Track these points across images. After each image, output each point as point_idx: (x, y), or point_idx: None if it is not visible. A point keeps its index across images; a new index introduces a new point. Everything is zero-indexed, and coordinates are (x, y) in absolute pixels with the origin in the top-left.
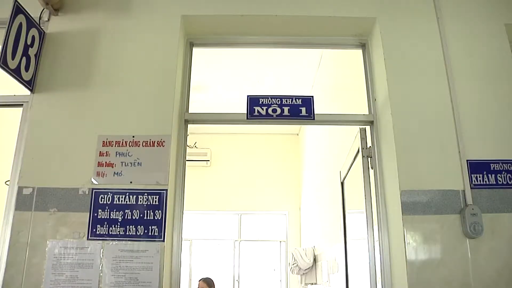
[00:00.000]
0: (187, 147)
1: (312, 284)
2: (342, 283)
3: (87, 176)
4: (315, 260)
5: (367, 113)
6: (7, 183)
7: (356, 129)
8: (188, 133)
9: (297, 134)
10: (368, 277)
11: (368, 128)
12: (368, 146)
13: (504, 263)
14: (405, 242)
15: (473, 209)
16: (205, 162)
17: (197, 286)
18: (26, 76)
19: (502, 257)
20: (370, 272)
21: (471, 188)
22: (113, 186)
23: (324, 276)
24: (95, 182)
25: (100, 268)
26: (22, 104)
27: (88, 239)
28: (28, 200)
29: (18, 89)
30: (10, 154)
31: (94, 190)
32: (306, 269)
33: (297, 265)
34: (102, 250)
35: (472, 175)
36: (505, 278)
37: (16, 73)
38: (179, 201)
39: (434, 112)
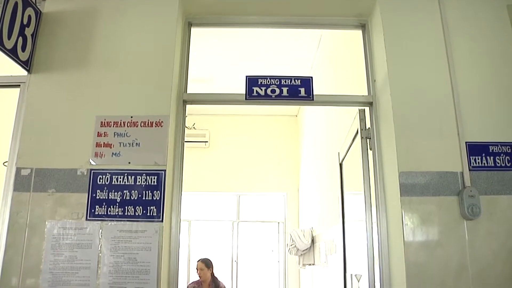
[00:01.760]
0: (186, 128)
1: (310, 264)
2: (340, 264)
3: (85, 157)
4: (313, 241)
5: (366, 94)
6: (5, 164)
7: (355, 110)
8: (186, 114)
9: (296, 116)
10: (366, 258)
11: (367, 109)
12: (367, 127)
13: (501, 244)
14: (403, 224)
15: (471, 191)
16: (204, 143)
17: (196, 267)
18: (23, 56)
19: (499, 239)
20: (367, 253)
21: (469, 170)
22: (112, 166)
23: (322, 257)
24: (93, 162)
25: (99, 248)
26: (19, 85)
27: (86, 219)
28: (27, 181)
29: (15, 70)
30: (8, 135)
31: (92, 171)
32: (304, 250)
33: (295, 246)
34: (100, 230)
35: (471, 157)
36: (502, 259)
37: (12, 53)
38: (178, 182)
39: (434, 94)
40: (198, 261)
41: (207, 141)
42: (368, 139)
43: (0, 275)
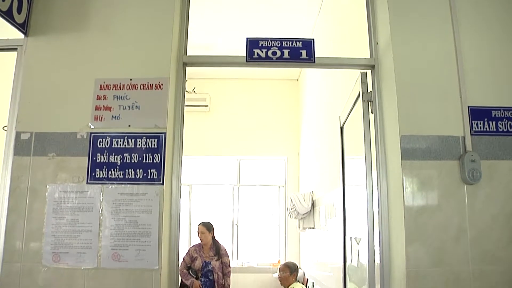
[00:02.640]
0: (186, 92)
1: (310, 228)
2: (340, 227)
3: (85, 120)
4: (313, 205)
5: (369, 57)
6: (5, 128)
7: (356, 73)
8: (186, 78)
9: (297, 80)
10: (366, 222)
11: (369, 72)
12: (368, 91)
13: (500, 209)
14: (403, 187)
15: (472, 155)
16: (204, 107)
17: (197, 230)
18: (19, 18)
19: (498, 203)
20: (367, 216)
21: (471, 134)
22: (111, 130)
23: (322, 220)
24: (93, 126)
25: (100, 212)
26: (16, 48)
27: (87, 183)
28: (27, 145)
29: (12, 33)
30: (7, 100)
31: (92, 134)
32: (304, 214)
33: (295, 209)
34: (101, 193)
35: (473, 122)
36: (500, 223)
37: (8, 16)
38: (178, 145)
39: (437, 57)
40: (199, 225)
41: (207, 105)
42: (369, 103)
43: (3, 238)
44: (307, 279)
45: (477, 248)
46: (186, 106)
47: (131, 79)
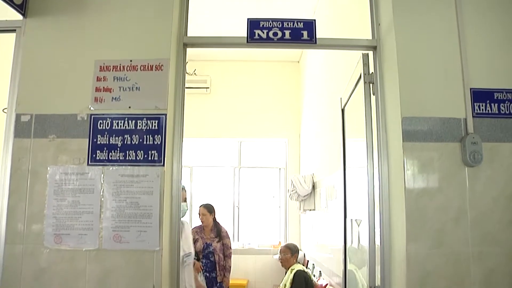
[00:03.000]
0: (187, 74)
1: (310, 210)
2: (340, 209)
3: (85, 102)
4: (313, 187)
5: (370, 38)
6: (5, 110)
7: (358, 55)
8: (187, 60)
9: (298, 62)
10: (366, 204)
11: (370, 53)
12: (370, 72)
13: (501, 191)
14: (404, 169)
15: (473, 137)
16: (205, 89)
17: (198, 212)
18: None
19: (499, 186)
20: (368, 198)
21: (473, 116)
22: (112, 111)
23: (323, 202)
24: (93, 107)
25: (101, 193)
26: (15, 30)
27: (88, 164)
28: (27, 127)
29: (11, 15)
30: (6, 81)
31: (92, 116)
32: (305, 196)
33: (296, 191)
34: (102, 175)
35: (475, 104)
36: (501, 206)
37: None
38: (179, 126)
39: (440, 38)
40: (200, 207)
41: (208, 87)
42: (371, 84)
43: (5, 220)
44: (308, 261)
45: (477, 230)
46: (186, 88)
47: (131, 60)
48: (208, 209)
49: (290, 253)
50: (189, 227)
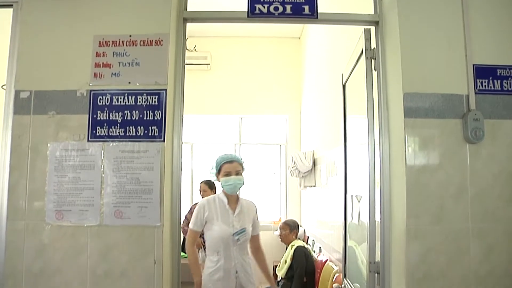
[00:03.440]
0: (187, 50)
1: (311, 186)
2: (341, 186)
3: (85, 78)
4: (314, 163)
5: (373, 13)
6: (4, 87)
7: (360, 30)
8: (187, 35)
9: (299, 38)
10: (367, 180)
11: (373, 28)
12: (372, 48)
13: (502, 168)
14: (405, 145)
15: (475, 114)
16: (205, 65)
17: (199, 188)
18: None
19: (500, 163)
20: (369, 175)
21: (475, 93)
22: (111, 87)
23: (323, 178)
24: (92, 83)
25: (102, 169)
26: (12, 5)
27: (88, 141)
28: (26, 104)
29: None
30: (5, 58)
31: (92, 92)
32: (305, 172)
33: (296, 168)
34: (102, 151)
35: (478, 80)
36: (501, 183)
37: None
38: (179, 102)
39: (443, 14)
40: (201, 183)
41: (208, 64)
42: (373, 60)
43: (7, 197)
44: (308, 237)
45: (477, 206)
46: (187, 64)
47: (130, 36)
48: (209, 185)
49: (288, 229)
50: (250, 204)
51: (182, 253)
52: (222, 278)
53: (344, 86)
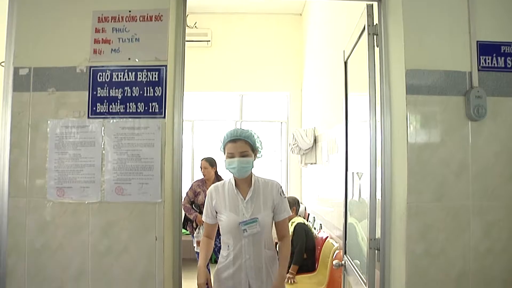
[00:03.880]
0: (187, 27)
1: (311, 164)
2: (342, 163)
3: (84, 54)
4: (315, 140)
5: None
6: (2, 64)
7: (362, 6)
8: (187, 12)
9: (300, 14)
10: (368, 158)
11: (375, 4)
12: (374, 24)
13: (503, 146)
14: (407, 122)
15: (478, 91)
16: (206, 42)
17: (200, 165)
18: None
19: (502, 140)
20: (370, 152)
21: (478, 70)
22: (111, 63)
23: (324, 156)
24: (92, 60)
25: (102, 146)
26: None
27: (88, 117)
28: (25, 81)
29: None
30: (3, 34)
31: (91, 68)
32: (306, 150)
33: (297, 145)
34: (103, 128)
35: (481, 57)
36: (502, 160)
37: None
38: (179, 78)
39: None
40: (202, 160)
41: (209, 41)
42: (375, 36)
43: (8, 174)
44: (308, 214)
45: (478, 184)
46: (187, 41)
47: (130, 11)
48: (210, 162)
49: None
50: (269, 185)
51: (183, 230)
52: (232, 276)
53: (345, 63)
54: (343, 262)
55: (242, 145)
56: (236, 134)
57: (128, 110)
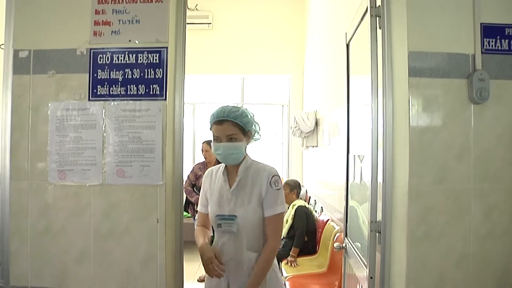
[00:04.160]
0: (188, 9)
1: (313, 146)
2: (343, 146)
3: (84, 36)
4: (316, 123)
5: None
6: (2, 47)
7: None
8: None
9: None
10: (370, 141)
11: None
12: (377, 5)
13: (505, 129)
14: (409, 105)
15: (481, 74)
16: (207, 25)
17: (201, 148)
18: None
19: (504, 123)
20: (372, 135)
21: (482, 52)
22: (111, 45)
23: (325, 139)
24: (92, 42)
25: (103, 128)
26: None
27: (89, 100)
28: (25, 64)
29: None
30: (2, 17)
31: (92, 50)
32: (307, 132)
33: (299, 128)
34: (104, 110)
35: (484, 39)
36: (504, 143)
37: None
38: (180, 60)
39: None
40: (203, 143)
41: (210, 23)
42: (377, 18)
43: (9, 157)
44: (309, 197)
45: (479, 167)
46: (188, 24)
47: None
48: (211, 145)
49: (288, 189)
50: (259, 173)
51: (184, 213)
52: (215, 279)
53: (347, 45)
54: (344, 244)
55: (229, 128)
56: (223, 114)
57: (128, 92)
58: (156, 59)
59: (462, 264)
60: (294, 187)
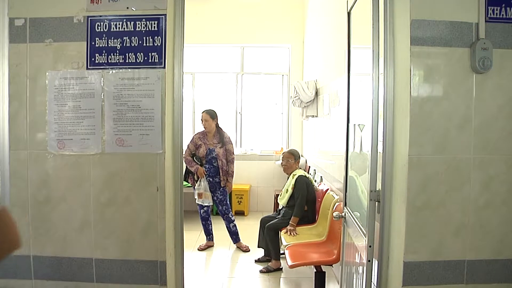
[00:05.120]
0: None
1: (313, 116)
2: (343, 116)
3: (81, 4)
4: (317, 93)
5: None
6: None
7: None
8: None
9: None
10: (371, 110)
11: None
12: None
13: (507, 99)
14: (411, 74)
15: (484, 43)
16: None
17: (201, 118)
18: None
19: (506, 94)
20: (372, 105)
21: (485, 21)
22: (109, 12)
23: (325, 109)
24: (89, 9)
25: (102, 97)
26: None
27: (87, 68)
28: (22, 32)
29: None
30: None
31: (89, 18)
32: (307, 102)
33: (298, 98)
34: (102, 79)
35: (489, 8)
36: (506, 113)
37: None
38: (179, 28)
39: None
40: (202, 112)
41: None
42: None
43: (7, 127)
44: (309, 167)
45: (480, 137)
46: None
47: None
48: (211, 115)
49: (293, 159)
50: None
51: (184, 183)
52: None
53: (349, 14)
54: (343, 214)
55: None
56: None
57: (127, 61)
58: (154, 27)
59: (460, 233)
60: (297, 157)
